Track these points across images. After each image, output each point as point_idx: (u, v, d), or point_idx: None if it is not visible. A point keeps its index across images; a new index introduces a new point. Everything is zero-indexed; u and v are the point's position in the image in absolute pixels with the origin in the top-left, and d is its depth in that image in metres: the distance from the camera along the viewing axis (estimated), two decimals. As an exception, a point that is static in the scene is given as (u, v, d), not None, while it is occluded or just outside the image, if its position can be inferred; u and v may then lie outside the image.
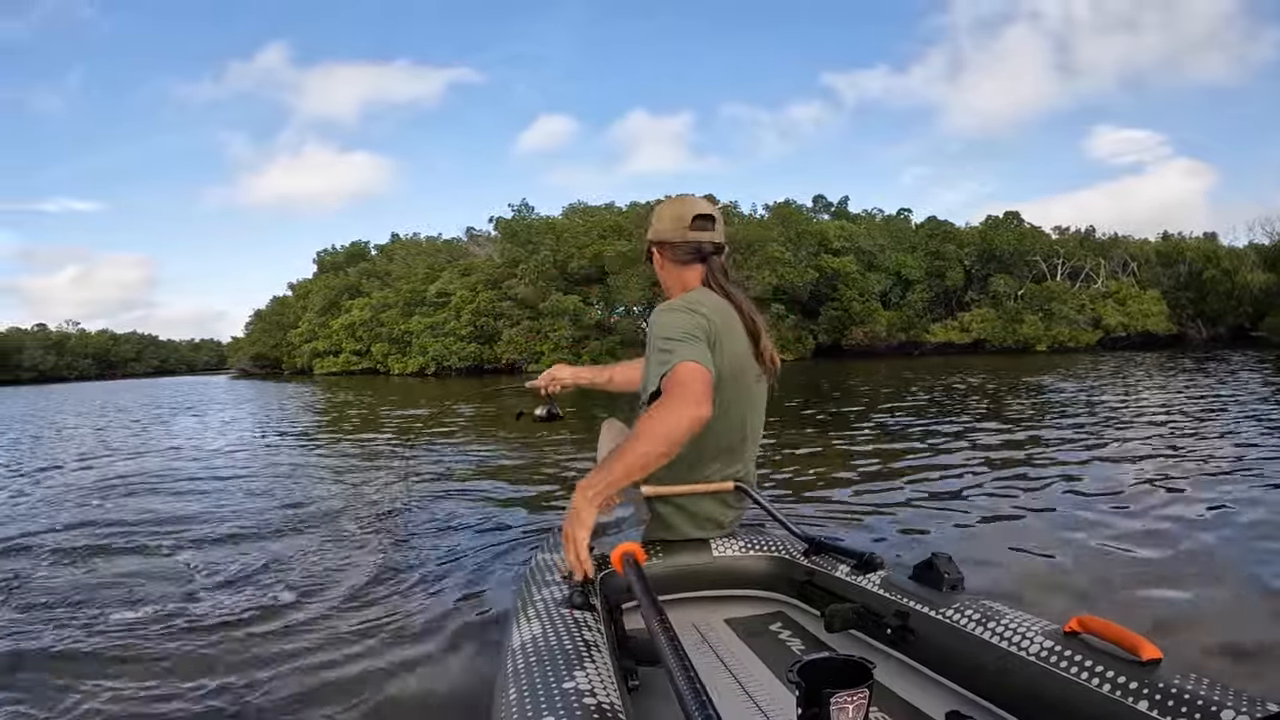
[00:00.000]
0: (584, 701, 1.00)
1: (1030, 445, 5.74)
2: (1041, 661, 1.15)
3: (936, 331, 37.19)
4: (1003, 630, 1.24)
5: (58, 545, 3.64)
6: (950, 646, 1.31)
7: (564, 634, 1.24)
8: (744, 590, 1.80)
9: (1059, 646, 1.15)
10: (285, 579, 2.96)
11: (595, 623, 1.32)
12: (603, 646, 1.21)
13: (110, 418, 14.31)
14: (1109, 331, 35.71)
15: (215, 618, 2.55)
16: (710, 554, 1.80)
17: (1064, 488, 4.17)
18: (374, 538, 3.60)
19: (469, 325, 36.10)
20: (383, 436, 8.79)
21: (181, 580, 3.02)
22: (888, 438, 6.51)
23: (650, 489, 1.73)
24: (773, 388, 1.84)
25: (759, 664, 1.50)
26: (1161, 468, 4.64)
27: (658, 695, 1.35)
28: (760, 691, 1.39)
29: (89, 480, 5.93)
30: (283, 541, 3.60)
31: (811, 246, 36.48)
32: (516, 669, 1.15)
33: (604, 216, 39.30)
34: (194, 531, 3.88)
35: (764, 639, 1.62)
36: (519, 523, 3.83)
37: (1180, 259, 40.22)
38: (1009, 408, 8.85)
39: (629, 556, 1.18)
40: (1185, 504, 3.67)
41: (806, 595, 1.71)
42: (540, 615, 1.34)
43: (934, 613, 1.36)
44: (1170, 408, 8.06)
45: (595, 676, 1.08)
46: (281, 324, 54.07)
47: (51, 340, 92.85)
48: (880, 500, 4.05)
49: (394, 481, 5.31)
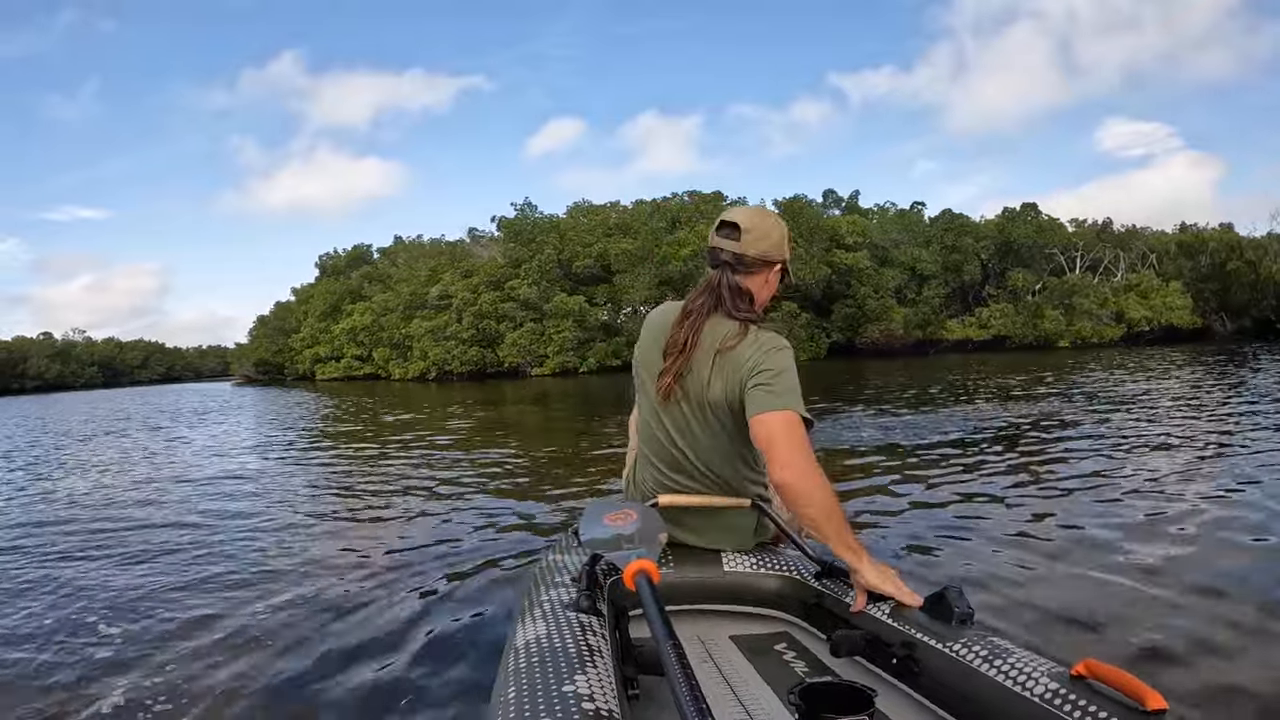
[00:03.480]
0: (583, 706, 0.98)
1: (1094, 465, 4.76)
2: (1045, 704, 1.13)
3: (953, 328, 36.08)
4: (1009, 669, 1.22)
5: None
6: (954, 681, 1.29)
7: (568, 637, 1.23)
8: (752, 607, 1.79)
9: (1064, 690, 1.13)
10: (289, 578, 3.05)
11: (600, 628, 1.31)
12: (605, 652, 1.20)
13: (53, 439, 13.41)
14: (1132, 326, 34.60)
15: (220, 616, 2.65)
16: (721, 568, 1.79)
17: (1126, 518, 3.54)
18: (382, 537, 3.65)
19: (471, 328, 35.05)
20: (387, 440, 8.66)
21: (188, 576, 3.18)
22: (915, 451, 5.60)
23: (668, 499, 1.75)
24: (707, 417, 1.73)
25: (761, 683, 1.49)
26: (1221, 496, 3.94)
27: (657, 706, 1.34)
28: (760, 710, 1.37)
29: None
30: (282, 546, 3.64)
31: (823, 242, 35.33)
32: (518, 668, 1.14)
33: (609, 214, 38.30)
34: (191, 536, 4.04)
35: (768, 658, 1.60)
36: (528, 523, 3.82)
37: (1202, 250, 39.05)
38: (1060, 415, 7.84)
39: (643, 574, 1.14)
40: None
41: (814, 618, 1.69)
42: (545, 616, 1.33)
43: (941, 646, 1.34)
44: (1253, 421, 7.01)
45: (596, 682, 1.06)
46: (284, 329, 53.31)
47: (57, 349, 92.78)
48: (901, 523, 3.73)
49: (402, 484, 5.32)
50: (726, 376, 1.67)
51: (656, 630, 0.95)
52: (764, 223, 1.75)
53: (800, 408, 1.58)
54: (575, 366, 32.66)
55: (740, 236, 1.72)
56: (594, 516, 1.44)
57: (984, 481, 4.57)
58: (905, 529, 3.56)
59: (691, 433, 1.76)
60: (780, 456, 1.52)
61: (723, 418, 1.71)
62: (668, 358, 1.73)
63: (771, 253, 1.75)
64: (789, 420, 1.56)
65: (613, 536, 1.34)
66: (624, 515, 1.41)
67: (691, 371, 1.71)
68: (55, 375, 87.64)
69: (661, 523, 1.50)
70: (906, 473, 4.92)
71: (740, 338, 1.67)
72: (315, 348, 46.59)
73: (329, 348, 44.93)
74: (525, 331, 33.76)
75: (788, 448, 1.53)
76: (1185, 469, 4.61)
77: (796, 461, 1.51)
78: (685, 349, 1.70)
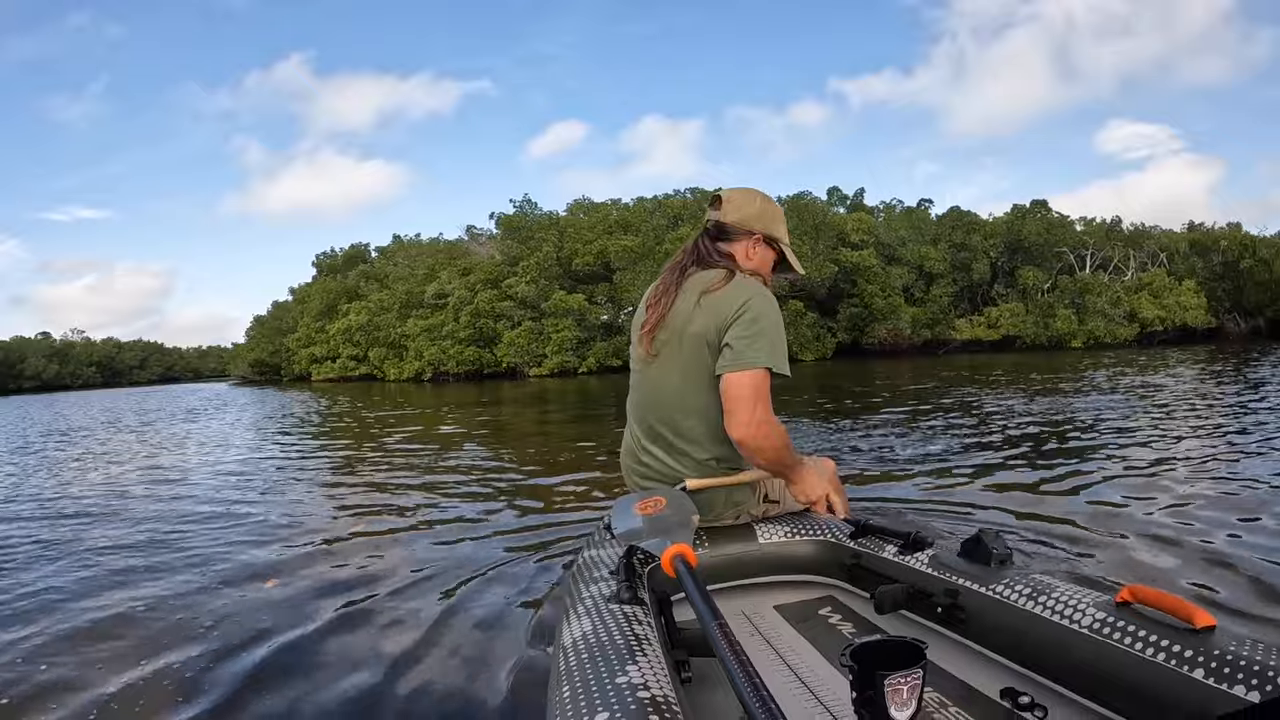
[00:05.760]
0: (638, 695, 0.98)
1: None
2: (1095, 634, 1.14)
3: (962, 328, 35.30)
4: (1054, 604, 1.23)
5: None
6: (1002, 623, 1.30)
7: (614, 629, 1.22)
8: (792, 576, 1.79)
9: (1111, 618, 1.13)
10: (330, 580, 2.91)
11: (645, 616, 1.30)
12: (654, 640, 1.20)
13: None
14: (1145, 326, 33.80)
15: (256, 618, 2.50)
16: (757, 541, 1.80)
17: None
18: (415, 540, 3.53)
19: (468, 327, 34.20)
20: (404, 441, 8.42)
21: (212, 581, 2.98)
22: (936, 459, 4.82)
23: (695, 482, 1.73)
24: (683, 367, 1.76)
25: (810, 649, 1.50)
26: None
27: (711, 686, 1.35)
28: (813, 677, 1.38)
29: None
30: (318, 548, 3.50)
31: (829, 240, 34.48)
32: (569, 666, 1.13)
33: (610, 211, 37.49)
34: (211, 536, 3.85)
35: (814, 624, 1.62)
36: (562, 521, 3.73)
37: (1214, 249, 38.25)
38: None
39: (680, 558, 1.17)
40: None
41: (855, 578, 1.70)
42: (590, 611, 1.32)
43: (984, 589, 1.35)
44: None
45: (648, 670, 1.06)
46: (280, 329, 52.57)
47: (55, 349, 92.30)
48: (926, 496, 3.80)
49: (430, 483, 5.20)
50: (709, 315, 1.70)
51: (701, 612, 0.96)
52: (744, 196, 1.86)
53: (772, 360, 1.64)
54: (575, 367, 31.82)
55: (721, 206, 1.85)
56: (624, 508, 1.49)
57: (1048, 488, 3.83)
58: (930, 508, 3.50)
59: (670, 388, 1.78)
60: (742, 416, 1.62)
61: (702, 359, 1.72)
62: (649, 310, 1.81)
63: (750, 221, 1.83)
64: (755, 379, 1.63)
65: (645, 525, 1.37)
66: (654, 503, 1.45)
67: (675, 319, 1.76)
68: (53, 375, 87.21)
69: (692, 505, 1.50)
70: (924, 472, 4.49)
71: (725, 281, 1.73)
72: (311, 348, 45.74)
73: (325, 348, 44.09)
74: (523, 331, 32.91)
75: (750, 407, 1.61)
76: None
77: (756, 417, 1.61)
78: (669, 295, 1.78)
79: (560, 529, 3.52)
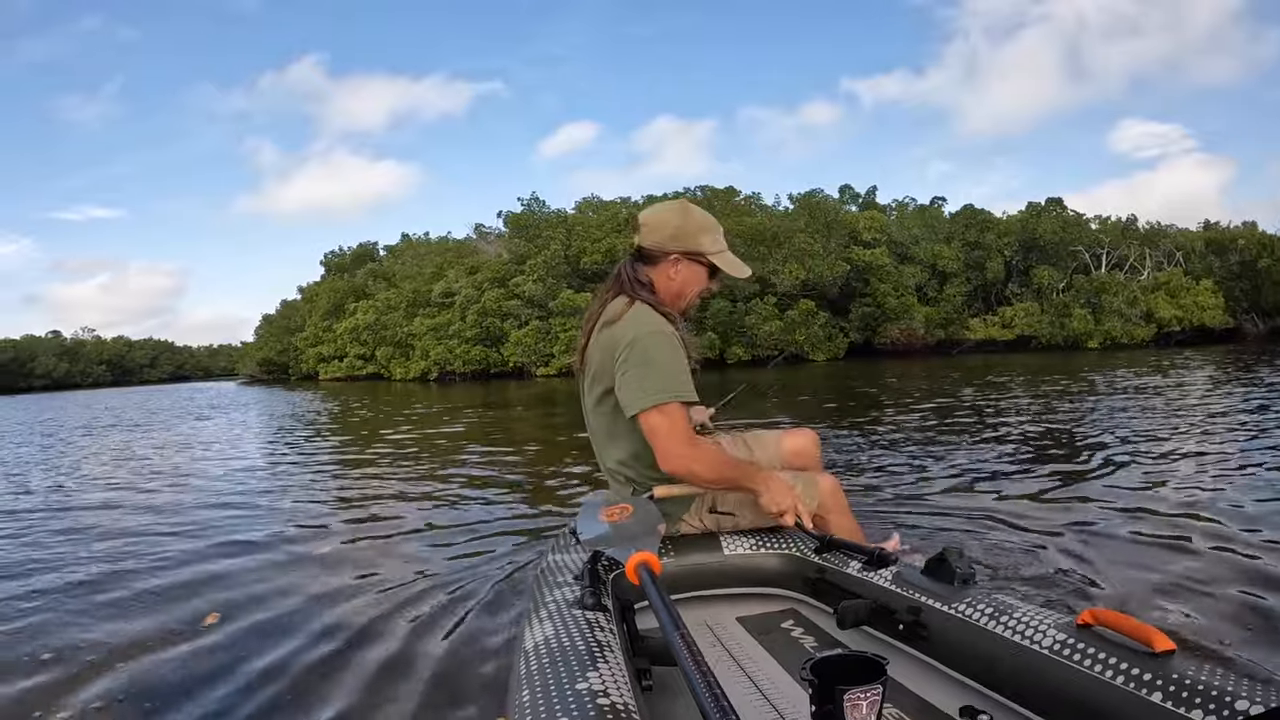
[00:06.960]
0: (598, 702, 0.98)
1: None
2: (1055, 655, 1.14)
3: (976, 328, 34.75)
4: (1015, 624, 1.23)
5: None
6: (963, 641, 1.30)
7: (576, 635, 1.22)
8: (756, 588, 1.79)
9: (1072, 639, 1.14)
10: (291, 580, 2.91)
11: (608, 623, 1.30)
12: (615, 647, 1.20)
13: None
14: (1162, 326, 33.21)
15: (221, 613, 2.53)
16: (722, 552, 1.79)
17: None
18: (381, 542, 3.53)
19: (474, 326, 33.94)
20: (386, 440, 8.54)
21: (184, 576, 3.04)
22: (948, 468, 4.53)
23: (663, 490, 1.72)
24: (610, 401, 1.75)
25: (771, 662, 1.49)
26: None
27: (672, 696, 1.34)
28: (773, 689, 1.38)
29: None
30: (283, 549, 3.46)
31: (841, 238, 34.04)
32: (530, 671, 1.12)
33: (619, 210, 37.16)
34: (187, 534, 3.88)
35: (776, 636, 1.61)
36: (528, 525, 3.73)
37: (1231, 248, 37.61)
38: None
39: (644, 566, 1.14)
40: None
41: (818, 592, 1.69)
42: (552, 616, 1.32)
43: (946, 607, 1.35)
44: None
45: (609, 677, 1.06)
46: (289, 328, 52.55)
47: (65, 347, 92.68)
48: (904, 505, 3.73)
49: (399, 486, 5.17)
50: (604, 352, 1.71)
51: (663, 620, 0.95)
52: (660, 217, 1.81)
53: (676, 392, 1.63)
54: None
55: (639, 229, 1.83)
56: (590, 514, 1.47)
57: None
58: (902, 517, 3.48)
59: (597, 425, 1.82)
60: (661, 450, 1.63)
61: (610, 396, 1.72)
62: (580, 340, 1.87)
63: (666, 243, 1.79)
64: (663, 415, 1.62)
65: (611, 532, 1.34)
66: (620, 510, 1.42)
67: (590, 352, 1.78)
68: (63, 374, 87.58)
69: (658, 514, 1.50)
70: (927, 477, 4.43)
71: (623, 313, 1.72)
72: (319, 347, 45.66)
73: (332, 347, 43.97)
74: (530, 330, 32.63)
75: (666, 442, 1.62)
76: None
77: (675, 451, 1.62)
78: (589, 324, 1.83)
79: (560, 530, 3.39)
